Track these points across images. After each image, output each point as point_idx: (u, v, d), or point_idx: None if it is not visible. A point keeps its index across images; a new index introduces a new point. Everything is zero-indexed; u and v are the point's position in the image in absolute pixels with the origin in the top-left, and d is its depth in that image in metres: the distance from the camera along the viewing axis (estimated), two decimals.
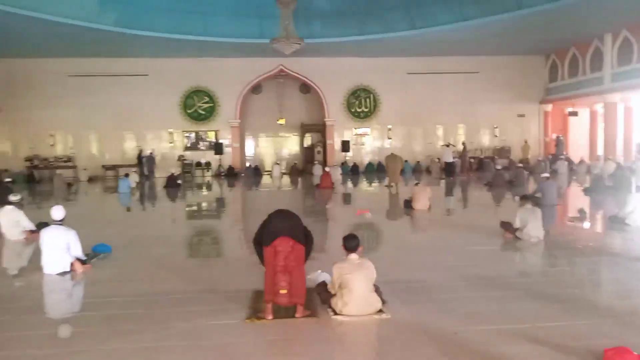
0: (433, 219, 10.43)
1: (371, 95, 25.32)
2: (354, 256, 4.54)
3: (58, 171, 22.03)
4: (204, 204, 15.08)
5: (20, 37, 18.76)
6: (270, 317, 4.37)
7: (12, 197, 8.81)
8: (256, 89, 25.36)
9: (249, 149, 26.63)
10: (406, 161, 22.37)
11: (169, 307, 4.81)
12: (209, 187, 20.06)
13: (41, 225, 8.86)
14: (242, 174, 23.84)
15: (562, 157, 22.11)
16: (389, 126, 25.51)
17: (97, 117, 23.60)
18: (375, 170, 24.05)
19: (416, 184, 12.12)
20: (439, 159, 22.35)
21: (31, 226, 8.58)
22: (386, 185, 16.86)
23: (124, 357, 3.72)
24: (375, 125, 25.64)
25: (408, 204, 11.36)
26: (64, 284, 5.83)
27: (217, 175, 24.02)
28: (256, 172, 24.11)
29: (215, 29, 19.68)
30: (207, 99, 24.52)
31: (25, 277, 6.47)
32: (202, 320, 4.41)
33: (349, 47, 21.96)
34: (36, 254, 6.38)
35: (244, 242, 8.61)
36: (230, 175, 23.49)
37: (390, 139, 25.59)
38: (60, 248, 6.01)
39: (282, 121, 25.58)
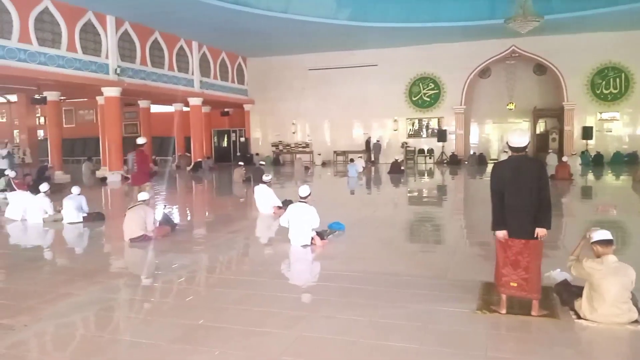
0: None
1: (622, 75, 21.94)
2: (611, 258, 3.98)
3: (297, 156, 24.69)
4: (425, 191, 15.15)
5: (272, 37, 21.44)
6: (503, 311, 4.17)
7: (265, 177, 10.18)
8: (484, 72, 24.27)
9: (474, 136, 25.71)
10: None
11: (398, 287, 4.98)
12: (431, 174, 20.06)
13: (286, 202, 10.07)
14: (466, 162, 23.18)
15: None
16: None
17: (331, 106, 25.62)
18: (626, 162, 20.82)
19: None
20: None
21: (278, 203, 9.81)
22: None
23: (360, 327, 3.98)
24: (626, 109, 22.18)
25: None
26: (305, 256, 6.53)
27: (440, 162, 23.84)
28: (481, 160, 23.16)
29: (445, 14, 19.43)
30: (432, 85, 24.45)
31: (273, 246, 7.44)
32: (430, 304, 4.46)
33: (595, 21, 19.33)
34: (281, 228, 7.25)
35: (467, 232, 8.41)
36: (453, 162, 23.06)
37: None
38: (304, 222, 6.71)
39: (511, 106, 23.98)
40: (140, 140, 10.48)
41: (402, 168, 19.37)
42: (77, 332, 4.10)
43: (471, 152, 24.07)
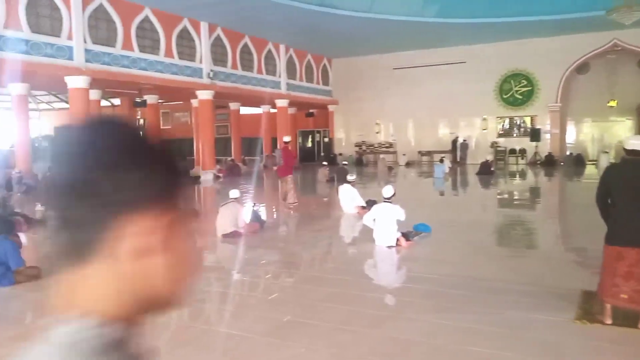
0: None
1: None
2: None
3: (381, 156, 24.56)
4: (517, 193, 14.48)
5: (356, 38, 21.51)
6: (609, 321, 3.89)
7: (349, 177, 10.27)
8: (581, 68, 22.71)
9: (570, 135, 24.15)
10: None
11: (487, 292, 4.81)
12: (523, 175, 19.14)
13: (370, 202, 10.07)
14: (562, 163, 21.84)
15: None
16: None
17: (415, 106, 25.20)
18: None
19: None
20: None
21: (362, 202, 9.84)
22: None
23: (447, 331, 3.91)
24: None
25: None
26: (390, 256, 6.50)
27: (533, 163, 22.63)
28: (578, 161, 21.70)
29: (538, 7, 18.43)
30: (524, 82, 23.30)
31: (358, 246, 7.48)
32: (522, 311, 4.27)
33: None
34: (365, 227, 7.25)
35: (562, 238, 7.95)
36: (547, 163, 21.80)
37: None
38: (389, 223, 6.69)
39: (613, 103, 22.22)
40: (286, 138, 11.89)
41: (492, 169, 18.65)
42: (173, 322, 4.38)
43: (567, 153, 22.65)
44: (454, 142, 24.14)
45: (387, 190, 6.97)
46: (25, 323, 4.50)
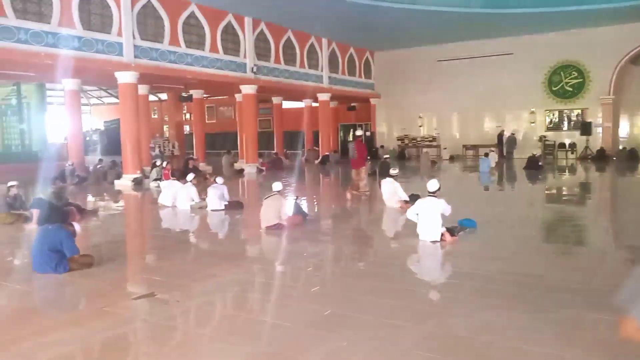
0: None
1: None
2: None
3: (424, 150, 24.21)
4: (567, 189, 13.97)
5: (400, 30, 21.21)
6: None
7: (392, 171, 10.17)
8: (636, 59, 21.64)
9: (623, 129, 23.07)
10: None
11: (538, 290, 4.64)
12: (573, 170, 18.46)
13: (413, 197, 9.94)
14: (614, 158, 20.92)
15: None
16: None
17: (460, 98, 24.68)
18: None
19: None
20: None
21: (405, 197, 9.72)
22: None
23: (497, 329, 3.80)
24: None
25: None
26: (435, 251, 6.39)
27: (584, 158, 21.76)
28: (632, 155, 20.73)
29: None
30: (575, 74, 22.42)
31: (401, 240, 7.39)
32: (576, 310, 4.11)
33: None
34: (408, 222, 7.14)
35: (614, 236, 7.62)
36: (599, 158, 20.93)
37: None
38: (433, 217, 6.57)
39: None
40: (359, 132, 12.59)
41: (540, 163, 18.04)
42: (222, 311, 4.45)
43: (620, 147, 21.67)
44: (500, 135, 23.50)
45: (432, 184, 6.84)
46: (78, 308, 4.68)
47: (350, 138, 29.26)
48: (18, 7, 11.95)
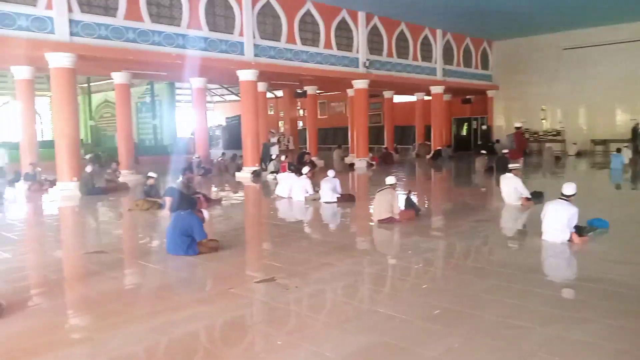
0: None
1: None
2: None
3: (547, 145, 22.63)
4: None
5: (521, 16, 19.96)
6: None
7: (512, 166, 9.65)
8: None
9: None
10: None
11: None
12: None
13: (535, 194, 9.39)
14: None
15: None
16: None
17: (589, 89, 22.72)
18: None
19: None
20: None
21: (527, 193, 9.18)
22: None
23: (629, 336, 3.50)
24: None
25: None
26: (561, 252, 5.97)
27: None
28: None
29: None
30: None
31: (522, 239, 7.01)
32: None
33: None
34: (533, 221, 6.75)
35: None
36: None
37: None
38: (560, 222, 6.13)
39: None
40: (518, 124, 13.03)
41: None
42: (336, 299, 4.56)
43: None
44: (635, 129, 21.22)
45: (569, 188, 6.30)
46: (206, 289, 5.07)
47: (464, 132, 28.31)
48: (153, 12, 13.14)
